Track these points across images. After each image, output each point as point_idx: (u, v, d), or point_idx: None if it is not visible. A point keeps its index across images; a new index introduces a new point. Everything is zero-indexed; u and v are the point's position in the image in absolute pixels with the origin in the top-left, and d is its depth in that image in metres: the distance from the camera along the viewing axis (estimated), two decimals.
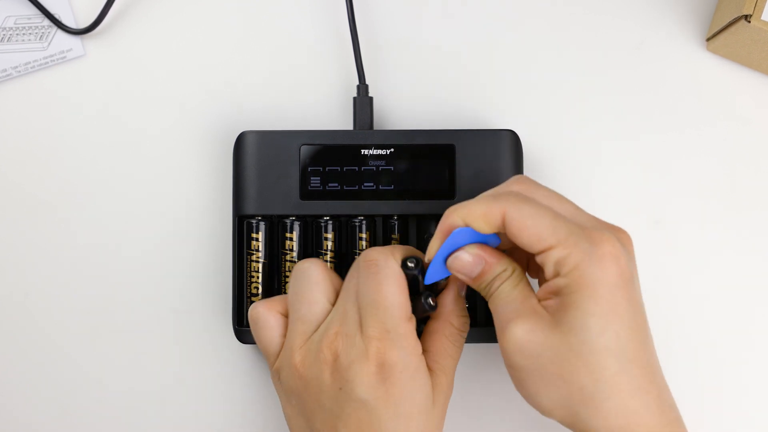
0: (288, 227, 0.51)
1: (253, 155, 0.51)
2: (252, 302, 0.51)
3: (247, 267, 0.51)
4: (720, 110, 0.55)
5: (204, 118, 0.55)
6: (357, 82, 0.54)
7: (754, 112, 0.55)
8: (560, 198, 0.45)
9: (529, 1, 0.56)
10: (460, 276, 0.45)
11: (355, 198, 0.51)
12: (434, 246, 0.45)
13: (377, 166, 0.51)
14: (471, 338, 0.51)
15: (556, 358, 0.41)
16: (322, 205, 0.51)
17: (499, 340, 0.43)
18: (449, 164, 0.51)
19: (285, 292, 0.51)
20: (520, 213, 0.42)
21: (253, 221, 0.51)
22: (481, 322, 0.52)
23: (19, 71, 0.55)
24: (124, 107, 0.55)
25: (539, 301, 0.43)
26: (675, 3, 0.55)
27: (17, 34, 0.55)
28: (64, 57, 0.55)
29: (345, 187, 0.51)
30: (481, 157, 0.51)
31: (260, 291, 0.51)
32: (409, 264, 0.45)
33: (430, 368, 0.45)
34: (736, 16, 0.50)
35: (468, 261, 0.44)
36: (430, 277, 0.45)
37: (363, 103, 0.53)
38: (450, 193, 0.51)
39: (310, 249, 0.52)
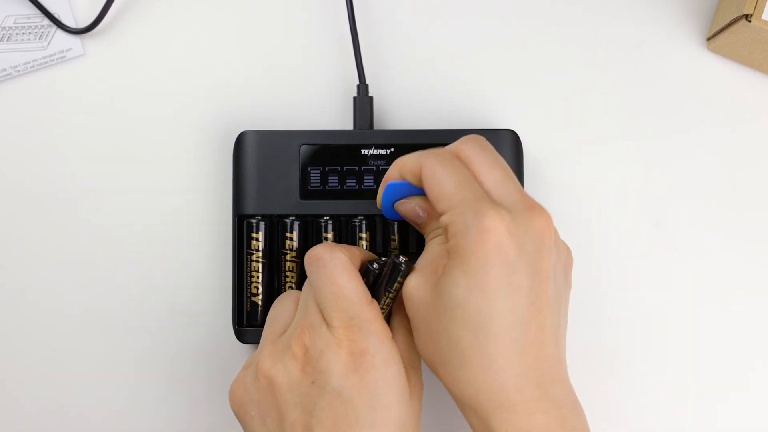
0: (288, 227, 0.51)
1: (253, 155, 0.51)
2: (252, 302, 0.51)
3: (246, 267, 0.51)
4: (720, 110, 0.55)
5: (204, 117, 0.55)
6: (357, 82, 0.54)
7: (755, 112, 0.55)
8: (493, 165, 0.44)
9: (529, 0, 0.56)
10: (410, 221, 0.47)
11: (355, 198, 0.51)
12: (379, 194, 0.48)
13: (377, 166, 0.51)
14: None
15: (428, 316, 0.42)
16: (322, 204, 0.51)
17: (404, 285, 0.44)
18: None
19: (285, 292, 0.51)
20: (431, 172, 0.43)
21: (253, 221, 0.51)
22: None
23: (19, 71, 0.55)
24: (124, 107, 0.55)
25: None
26: (675, 2, 0.55)
27: (17, 34, 0.55)
28: (64, 56, 0.55)
29: (345, 187, 0.51)
30: None
31: (260, 291, 0.51)
32: (374, 266, 0.45)
33: (399, 345, 0.45)
34: (736, 15, 0.50)
35: (411, 209, 0.46)
36: (386, 215, 0.48)
37: (363, 102, 0.53)
38: None
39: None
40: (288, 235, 0.51)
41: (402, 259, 0.44)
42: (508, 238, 0.41)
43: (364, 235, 0.51)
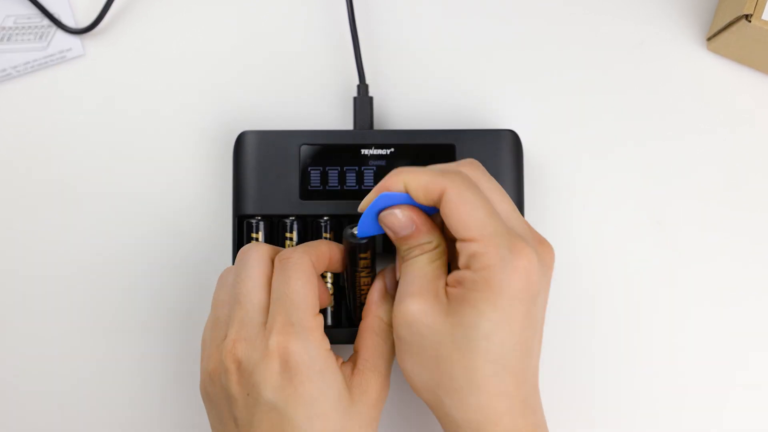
0: (288, 227, 0.51)
1: (253, 155, 0.51)
2: None
3: None
4: (720, 110, 0.55)
5: (204, 117, 0.55)
6: (357, 82, 0.54)
7: (755, 112, 0.55)
8: (502, 194, 0.44)
9: (529, 0, 0.55)
10: (388, 232, 0.45)
11: (356, 198, 0.51)
12: (369, 198, 0.45)
13: (377, 166, 0.51)
14: None
15: (438, 344, 0.42)
16: (322, 205, 0.51)
17: (394, 307, 0.44)
18: None
19: None
20: (459, 196, 0.42)
21: (253, 221, 0.51)
22: None
23: (19, 71, 0.55)
24: (124, 107, 0.55)
25: (446, 285, 0.43)
26: (675, 2, 0.55)
27: (17, 34, 0.55)
28: (64, 57, 0.55)
29: (345, 187, 0.51)
30: (481, 156, 0.51)
31: None
32: (352, 231, 0.45)
33: (358, 368, 0.45)
34: (736, 15, 0.50)
35: (399, 219, 0.44)
36: (362, 231, 0.45)
37: (363, 102, 0.53)
38: None
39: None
40: (288, 235, 0.51)
41: (350, 231, 0.44)
42: (536, 277, 0.42)
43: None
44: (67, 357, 0.54)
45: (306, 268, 0.44)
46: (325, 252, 0.46)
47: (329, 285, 0.50)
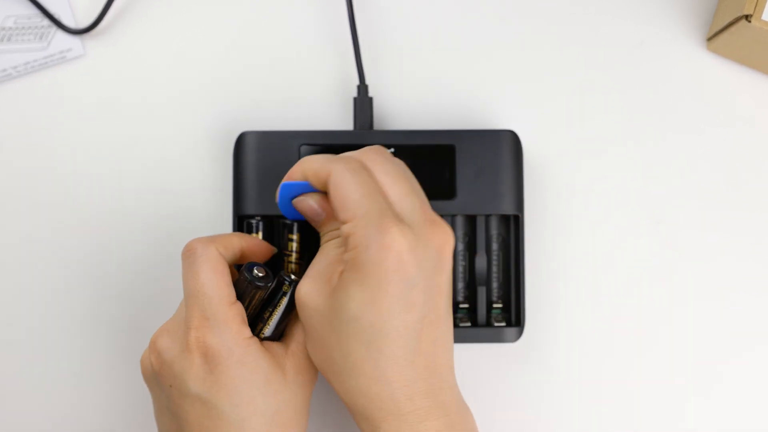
0: (288, 228, 0.51)
1: (253, 155, 0.51)
2: None
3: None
4: (720, 110, 0.55)
5: (204, 118, 0.55)
6: (357, 82, 0.53)
7: (755, 112, 0.55)
8: (399, 177, 0.44)
9: (529, 0, 0.55)
10: (308, 218, 0.46)
11: None
12: (276, 192, 0.46)
13: None
14: (471, 338, 0.51)
15: (321, 325, 0.42)
16: None
17: (298, 286, 0.44)
18: (449, 164, 0.51)
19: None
20: (340, 178, 0.43)
21: (253, 221, 0.51)
22: (481, 322, 0.52)
23: (19, 71, 0.55)
24: (124, 107, 0.55)
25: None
26: (675, 2, 0.55)
27: (17, 34, 0.55)
28: (64, 57, 0.55)
29: None
30: (481, 157, 0.51)
31: None
32: (257, 273, 0.45)
33: (291, 350, 0.45)
34: (736, 15, 0.49)
35: (310, 206, 0.45)
36: (288, 214, 0.47)
37: (363, 103, 0.53)
38: (450, 193, 0.51)
39: (312, 249, 0.51)
40: (290, 236, 0.51)
41: (287, 279, 0.45)
42: (409, 256, 0.41)
43: None
44: (65, 355, 0.54)
45: (211, 258, 0.44)
46: (234, 243, 0.46)
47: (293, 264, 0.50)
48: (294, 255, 0.49)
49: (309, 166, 0.44)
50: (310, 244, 0.49)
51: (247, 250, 0.47)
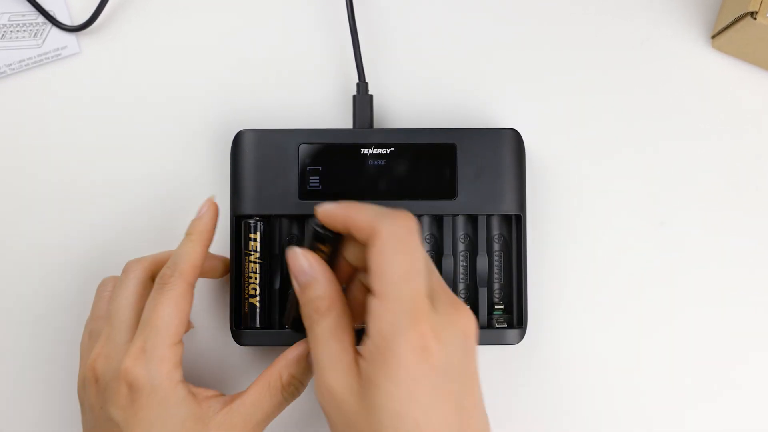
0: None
1: (251, 154, 0.51)
2: (250, 304, 0.50)
3: (244, 268, 0.50)
4: (725, 109, 0.54)
5: (201, 116, 0.55)
6: (357, 80, 0.53)
7: (760, 110, 0.54)
8: (430, 264, 0.42)
9: None
10: (292, 276, 0.43)
11: (355, 198, 0.50)
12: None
13: (377, 166, 0.51)
14: None
15: (354, 419, 0.40)
16: None
17: (315, 378, 0.42)
18: (450, 164, 0.51)
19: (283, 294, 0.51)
20: (385, 245, 0.40)
21: (251, 221, 0.50)
22: (482, 324, 0.51)
23: (14, 69, 0.55)
24: (120, 105, 0.55)
25: (356, 354, 0.41)
26: (679, 0, 0.55)
27: (11, 32, 0.55)
28: (59, 54, 0.55)
29: (344, 187, 0.51)
30: (482, 156, 0.50)
31: (258, 292, 0.50)
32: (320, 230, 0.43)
33: (231, 407, 0.45)
34: (741, 13, 0.49)
35: (300, 267, 0.43)
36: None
37: (363, 101, 0.53)
38: (451, 193, 0.50)
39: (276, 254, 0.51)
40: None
41: (319, 230, 0.43)
42: (435, 343, 0.39)
43: None
44: (64, 356, 0.53)
45: (178, 295, 0.45)
46: (197, 261, 0.47)
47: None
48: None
49: (354, 217, 0.41)
50: (271, 244, 0.50)
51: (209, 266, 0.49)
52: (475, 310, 0.52)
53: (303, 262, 0.43)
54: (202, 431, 0.44)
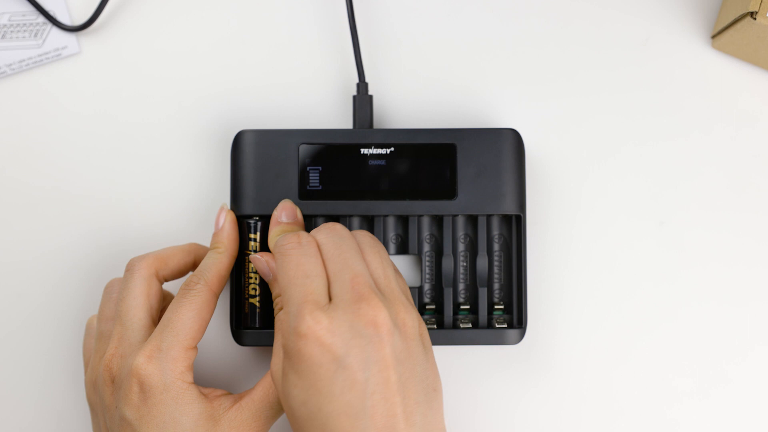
0: (250, 227, 0.50)
1: (251, 154, 0.50)
2: (250, 304, 0.50)
3: (244, 268, 0.50)
4: (726, 108, 0.54)
5: (201, 116, 0.54)
6: (357, 80, 0.53)
7: (760, 110, 0.54)
8: (338, 254, 0.44)
9: None
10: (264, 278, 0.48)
11: (355, 198, 0.51)
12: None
13: (377, 166, 0.51)
14: (472, 340, 0.50)
15: (283, 407, 0.43)
16: (321, 205, 0.50)
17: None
18: (450, 163, 0.50)
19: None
20: (280, 255, 0.45)
21: (251, 221, 0.50)
22: (482, 324, 0.51)
23: (14, 69, 0.55)
24: (120, 105, 0.55)
25: None
26: (679, 0, 0.55)
27: (12, 32, 0.55)
28: (59, 54, 0.55)
29: (344, 187, 0.51)
30: (482, 156, 0.50)
31: (258, 292, 0.50)
32: None
33: (240, 405, 0.46)
34: (741, 13, 0.49)
35: (261, 266, 0.48)
36: None
37: (363, 101, 0.52)
38: (451, 193, 0.50)
39: None
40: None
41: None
42: (331, 338, 0.41)
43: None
44: (63, 357, 0.53)
45: (202, 302, 0.47)
46: (222, 268, 0.49)
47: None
48: (253, 254, 0.50)
49: (278, 228, 0.48)
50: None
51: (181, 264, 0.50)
52: (475, 310, 0.52)
53: (262, 264, 0.48)
54: (214, 428, 0.45)
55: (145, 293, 0.48)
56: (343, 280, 0.43)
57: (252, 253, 0.50)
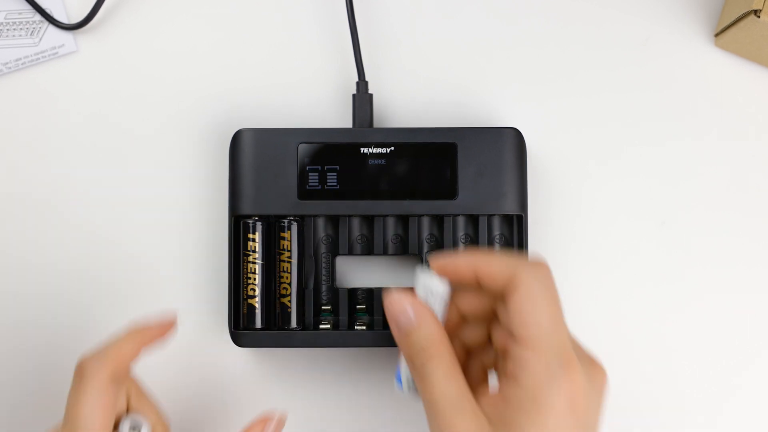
0: (285, 227, 0.50)
1: (250, 154, 0.50)
2: (249, 305, 0.50)
3: (243, 268, 0.50)
4: (728, 108, 0.54)
5: (199, 115, 0.54)
6: (356, 79, 0.53)
7: (763, 109, 0.54)
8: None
9: None
10: (391, 324, 0.42)
11: (355, 197, 0.50)
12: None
13: (377, 165, 0.50)
14: None
15: None
16: (320, 205, 0.50)
17: (435, 422, 0.40)
18: (451, 163, 0.50)
19: (281, 294, 0.50)
20: (530, 292, 0.40)
21: (250, 221, 0.50)
22: None
23: (10, 67, 0.55)
24: (118, 104, 0.55)
25: (476, 396, 0.41)
26: None
27: (7, 30, 0.55)
28: (56, 53, 0.55)
29: (344, 187, 0.50)
30: (483, 155, 0.50)
31: (257, 293, 0.50)
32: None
33: None
34: (745, 11, 0.49)
35: (403, 310, 0.42)
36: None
37: (362, 100, 0.52)
38: (452, 192, 0.50)
39: (309, 249, 0.51)
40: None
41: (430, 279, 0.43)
42: (584, 400, 0.39)
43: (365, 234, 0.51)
44: (62, 358, 0.53)
45: (101, 387, 0.41)
46: (130, 353, 0.43)
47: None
48: (253, 255, 0.49)
49: (487, 265, 0.41)
50: (270, 245, 0.50)
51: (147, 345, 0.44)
52: None
53: (407, 307, 0.42)
54: None
55: (102, 406, 0.42)
56: (573, 338, 0.41)
57: (251, 254, 0.49)
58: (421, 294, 0.43)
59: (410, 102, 0.54)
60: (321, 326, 0.51)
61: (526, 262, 0.41)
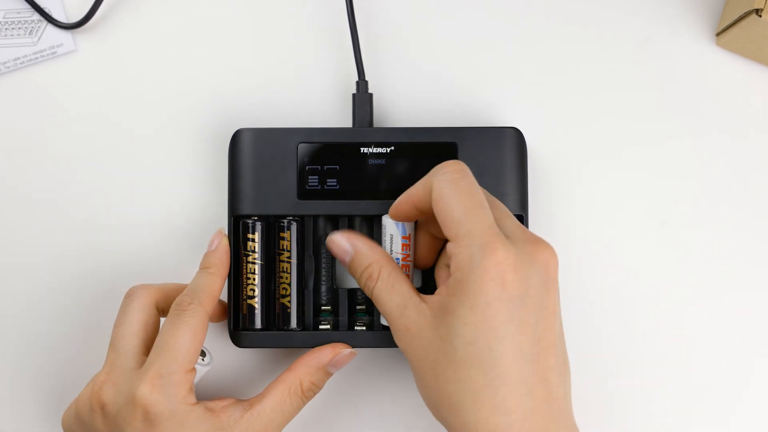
0: (285, 227, 0.50)
1: (250, 153, 0.50)
2: (249, 305, 0.50)
3: (243, 268, 0.50)
4: (729, 107, 0.54)
5: (198, 115, 0.54)
6: (356, 78, 0.53)
7: (764, 108, 0.54)
8: (493, 201, 0.45)
9: None
10: (339, 260, 0.47)
11: (354, 197, 0.50)
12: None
13: (377, 165, 0.50)
14: None
15: (432, 360, 0.42)
16: (320, 204, 0.50)
17: (391, 328, 0.44)
18: None
19: (281, 294, 0.50)
20: (440, 192, 0.43)
21: (249, 221, 0.50)
22: None
23: (8, 67, 0.54)
24: (117, 104, 0.54)
25: (418, 294, 0.44)
26: None
27: (6, 29, 0.55)
28: (55, 52, 0.55)
29: (344, 187, 0.50)
30: (484, 155, 0.50)
31: (257, 293, 0.50)
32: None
33: (253, 412, 0.46)
34: (746, 10, 0.49)
35: (337, 246, 0.47)
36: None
37: (362, 99, 0.52)
38: None
39: (308, 249, 0.51)
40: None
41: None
42: (514, 275, 0.41)
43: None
44: (61, 359, 0.53)
45: (198, 323, 0.46)
46: (216, 295, 0.48)
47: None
48: (252, 255, 0.49)
49: (415, 193, 0.45)
50: (270, 245, 0.50)
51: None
52: None
53: (341, 241, 0.47)
54: None
55: (143, 321, 0.47)
56: (510, 219, 0.43)
57: (251, 254, 0.49)
58: (386, 239, 0.48)
59: (410, 101, 0.54)
60: (321, 327, 0.51)
61: (435, 169, 0.44)
